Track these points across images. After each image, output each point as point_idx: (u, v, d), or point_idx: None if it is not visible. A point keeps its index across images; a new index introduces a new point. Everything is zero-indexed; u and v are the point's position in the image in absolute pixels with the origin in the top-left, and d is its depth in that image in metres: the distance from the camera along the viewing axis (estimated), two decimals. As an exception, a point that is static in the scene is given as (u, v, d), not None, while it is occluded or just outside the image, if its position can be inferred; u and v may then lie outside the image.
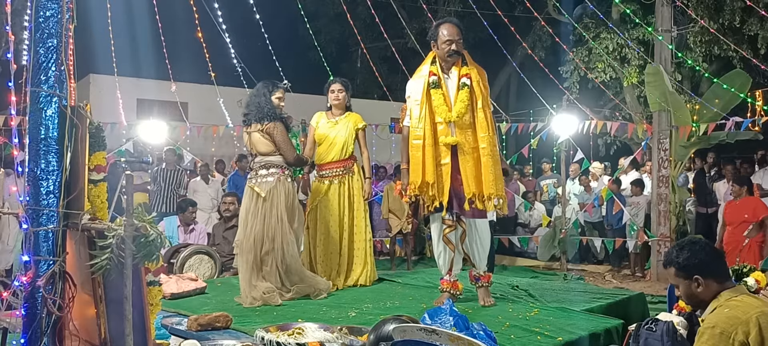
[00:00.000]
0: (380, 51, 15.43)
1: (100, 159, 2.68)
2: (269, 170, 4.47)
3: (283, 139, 4.45)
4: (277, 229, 4.40)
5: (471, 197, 3.93)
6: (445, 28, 4.06)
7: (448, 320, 3.19)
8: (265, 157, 4.50)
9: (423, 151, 3.98)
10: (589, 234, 9.70)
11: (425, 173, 3.96)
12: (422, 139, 3.99)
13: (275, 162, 4.49)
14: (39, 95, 2.47)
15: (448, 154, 3.97)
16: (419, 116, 4.04)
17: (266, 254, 4.39)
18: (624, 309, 4.37)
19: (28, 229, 2.42)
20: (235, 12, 10.60)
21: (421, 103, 4.04)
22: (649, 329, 2.67)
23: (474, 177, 3.94)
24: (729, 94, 8.56)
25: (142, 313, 2.40)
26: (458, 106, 3.95)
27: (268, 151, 4.48)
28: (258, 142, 4.49)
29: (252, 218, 4.42)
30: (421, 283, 5.15)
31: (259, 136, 4.47)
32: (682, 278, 2.48)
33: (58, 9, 2.48)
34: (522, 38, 12.12)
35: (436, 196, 3.96)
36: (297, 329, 3.11)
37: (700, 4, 10.88)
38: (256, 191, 4.44)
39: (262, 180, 4.45)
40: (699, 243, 2.53)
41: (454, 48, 4.01)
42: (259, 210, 4.41)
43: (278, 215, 4.41)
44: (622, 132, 10.60)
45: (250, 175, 4.60)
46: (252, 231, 4.39)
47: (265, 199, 4.40)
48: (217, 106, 9.90)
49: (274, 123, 4.43)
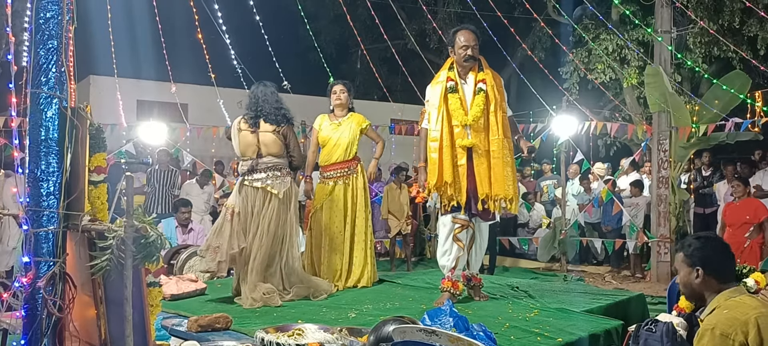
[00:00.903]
0: (380, 52, 15.43)
1: (101, 160, 2.69)
2: (281, 171, 4.49)
3: (296, 143, 4.59)
4: (287, 229, 4.43)
5: (484, 198, 4.09)
6: (462, 34, 4.23)
7: (448, 320, 3.20)
8: (275, 158, 4.50)
9: (440, 152, 4.13)
10: (589, 235, 9.70)
11: (443, 173, 4.10)
12: (439, 141, 4.13)
13: (283, 164, 4.53)
14: (39, 97, 2.47)
15: (464, 156, 4.12)
16: (437, 119, 4.18)
17: (274, 255, 4.40)
18: (624, 310, 4.38)
19: (29, 230, 2.42)
20: (235, 13, 10.61)
21: (438, 106, 4.19)
22: (648, 329, 2.67)
23: (487, 178, 4.09)
24: (729, 95, 8.56)
25: (142, 314, 2.40)
26: (474, 109, 4.12)
27: (280, 152, 4.51)
28: (272, 143, 4.49)
29: (262, 219, 4.41)
30: (420, 284, 5.16)
31: (273, 136, 4.48)
32: (686, 264, 2.53)
33: (58, 11, 2.48)
34: (522, 39, 12.13)
35: (454, 195, 4.10)
36: (297, 331, 3.11)
37: (699, 6, 10.89)
38: (271, 192, 4.43)
39: (275, 181, 4.46)
40: (714, 240, 2.60)
41: (470, 53, 4.18)
42: (272, 210, 4.41)
43: (290, 216, 4.46)
44: (621, 133, 10.61)
45: (253, 175, 4.51)
46: (263, 232, 4.38)
47: (281, 199, 4.42)
48: (217, 107, 9.90)
49: (289, 126, 4.54)
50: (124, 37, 10.91)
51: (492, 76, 4.27)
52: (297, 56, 15.05)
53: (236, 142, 4.59)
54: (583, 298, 4.57)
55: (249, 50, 10.93)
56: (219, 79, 9.47)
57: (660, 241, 8.40)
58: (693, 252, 2.51)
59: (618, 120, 11.84)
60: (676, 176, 8.91)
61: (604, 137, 13.11)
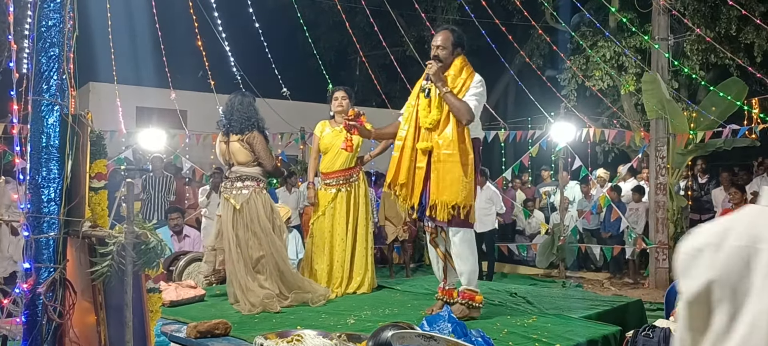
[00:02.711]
0: (379, 59, 15.47)
1: (101, 167, 2.70)
2: (245, 183, 4.47)
3: (264, 148, 4.50)
4: (262, 237, 4.43)
5: (433, 203, 3.92)
6: (435, 35, 4.13)
7: (447, 326, 3.20)
8: (243, 167, 4.49)
9: (400, 152, 4.06)
10: (587, 242, 9.71)
11: (399, 173, 4.03)
12: (402, 141, 4.07)
13: (251, 173, 4.49)
14: (41, 104, 2.49)
15: (424, 160, 3.99)
16: (405, 119, 4.14)
17: (259, 258, 4.41)
18: (622, 316, 4.39)
19: (30, 236, 2.44)
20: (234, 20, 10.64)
21: (408, 106, 4.15)
22: (646, 335, 2.69)
23: (438, 183, 3.92)
24: (726, 102, 8.60)
25: (142, 320, 2.42)
26: (433, 113, 3.96)
27: (248, 161, 4.49)
28: (238, 151, 4.50)
29: (232, 228, 4.42)
30: (419, 290, 5.16)
31: (238, 145, 4.49)
32: None
33: (60, 19, 2.50)
34: (520, 46, 12.18)
35: (407, 197, 4.02)
36: (296, 336, 3.12)
37: (696, 13, 10.95)
38: (232, 203, 4.44)
39: (236, 192, 4.46)
40: None
41: (437, 53, 4.00)
42: (236, 222, 4.41)
43: (261, 225, 4.43)
44: (619, 140, 10.64)
45: (225, 185, 4.57)
46: (234, 239, 4.40)
47: (239, 211, 4.41)
48: (216, 114, 9.88)
49: (256, 132, 4.48)
50: (124, 44, 10.95)
51: (462, 78, 3.98)
52: (296, 63, 15.09)
53: (217, 151, 4.67)
54: (582, 304, 4.58)
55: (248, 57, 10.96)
56: (218, 86, 9.49)
57: (658, 247, 8.42)
58: None
59: (616, 127, 11.87)
60: (674, 182, 8.93)
61: (602, 144, 13.14)
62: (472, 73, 4.02)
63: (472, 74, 4.01)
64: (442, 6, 14.95)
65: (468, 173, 3.89)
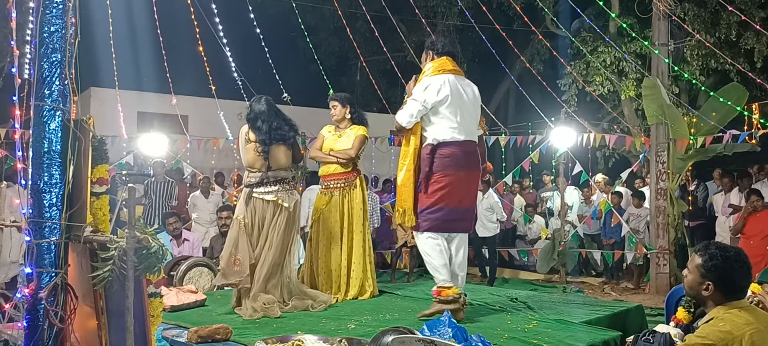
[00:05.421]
0: (379, 64, 15.49)
1: (103, 172, 2.71)
2: (290, 184, 4.56)
3: (299, 151, 4.70)
4: (290, 241, 4.50)
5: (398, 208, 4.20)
6: None
7: (447, 331, 3.21)
8: (284, 171, 4.54)
9: None
10: (588, 247, 9.71)
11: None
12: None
13: (287, 176, 4.57)
14: (43, 109, 2.50)
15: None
16: None
17: (278, 266, 4.43)
18: (622, 321, 4.38)
19: (31, 241, 2.44)
20: (235, 26, 10.68)
21: None
22: (646, 340, 2.68)
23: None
24: (726, 107, 8.60)
25: (143, 325, 2.42)
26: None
27: (288, 164, 4.59)
28: (283, 155, 4.53)
29: (271, 230, 4.43)
30: (420, 295, 5.16)
31: (284, 148, 4.55)
32: (699, 273, 2.49)
33: (62, 25, 2.51)
34: (520, 52, 12.20)
35: None
36: (296, 341, 3.12)
37: (696, 19, 10.97)
38: (282, 205, 4.45)
39: (285, 194, 4.49)
40: (738, 259, 2.48)
41: None
42: (282, 223, 4.44)
43: (296, 228, 4.54)
44: (620, 145, 10.64)
45: (262, 188, 4.50)
46: (271, 244, 4.41)
47: (291, 212, 4.47)
48: (217, 119, 9.94)
49: (297, 137, 4.68)
50: (126, 49, 10.98)
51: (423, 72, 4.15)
52: (297, 68, 15.13)
53: (244, 153, 4.59)
54: (582, 309, 4.58)
55: (249, 62, 11.00)
56: (219, 91, 9.52)
57: (659, 252, 8.41)
58: (712, 267, 2.45)
59: (616, 132, 11.87)
60: (675, 187, 8.93)
61: (602, 149, 13.15)
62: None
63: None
64: (443, 12, 14.97)
65: (412, 176, 4.12)
